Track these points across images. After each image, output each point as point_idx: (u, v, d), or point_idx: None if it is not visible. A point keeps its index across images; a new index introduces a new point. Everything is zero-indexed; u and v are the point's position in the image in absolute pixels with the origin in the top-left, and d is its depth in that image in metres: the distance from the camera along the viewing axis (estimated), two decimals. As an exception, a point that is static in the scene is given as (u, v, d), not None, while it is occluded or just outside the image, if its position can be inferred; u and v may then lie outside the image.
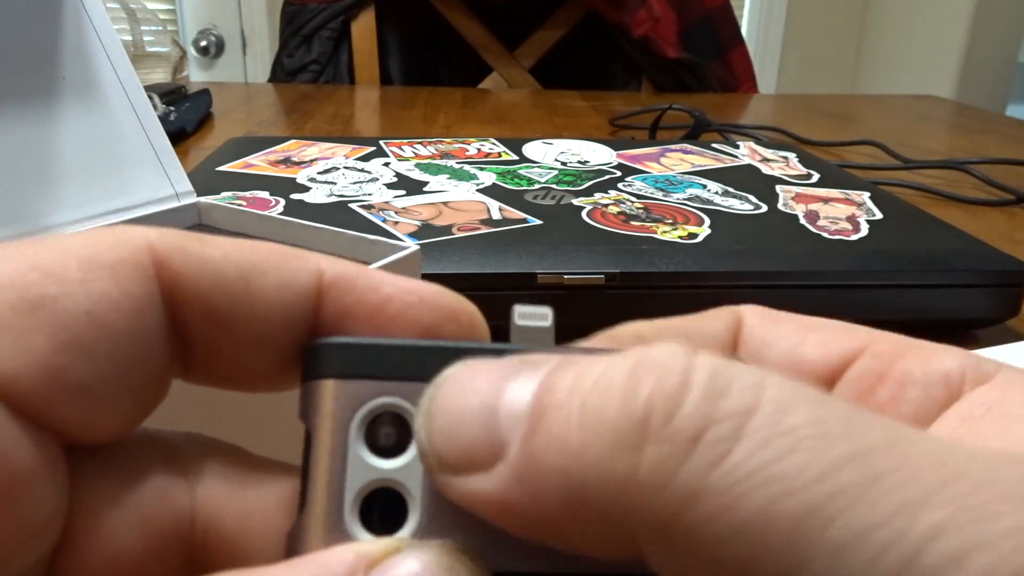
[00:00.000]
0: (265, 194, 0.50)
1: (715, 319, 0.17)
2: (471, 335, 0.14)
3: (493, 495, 0.11)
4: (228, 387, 0.14)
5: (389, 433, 0.13)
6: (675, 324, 0.16)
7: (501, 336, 0.14)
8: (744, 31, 1.94)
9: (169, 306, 0.13)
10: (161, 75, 1.15)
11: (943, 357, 0.15)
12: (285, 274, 0.14)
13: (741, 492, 0.10)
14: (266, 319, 0.13)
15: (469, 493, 0.11)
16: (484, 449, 0.11)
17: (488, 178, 0.56)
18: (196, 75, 2.20)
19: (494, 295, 0.40)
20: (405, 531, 0.12)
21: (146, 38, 1.21)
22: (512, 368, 0.12)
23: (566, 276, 0.40)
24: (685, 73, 1.26)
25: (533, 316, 0.14)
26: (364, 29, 1.31)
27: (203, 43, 2.22)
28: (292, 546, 0.13)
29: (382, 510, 0.13)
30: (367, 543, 0.12)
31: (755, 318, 0.16)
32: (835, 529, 0.09)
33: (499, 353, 0.13)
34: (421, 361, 0.13)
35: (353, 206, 0.48)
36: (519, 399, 0.11)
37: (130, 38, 1.21)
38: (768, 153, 0.67)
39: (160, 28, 1.25)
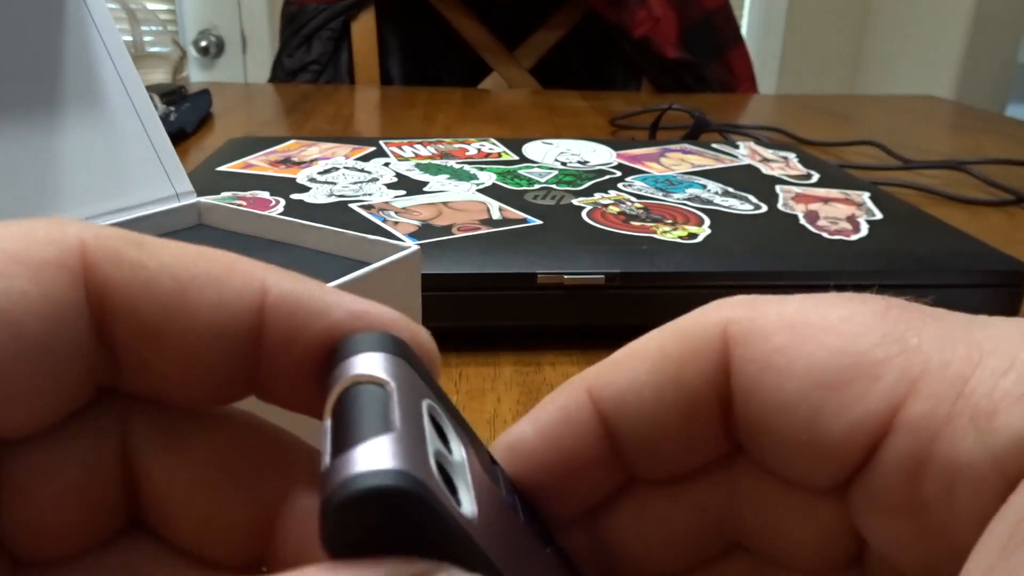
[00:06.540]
0: (265, 194, 0.50)
1: (693, 363, 0.14)
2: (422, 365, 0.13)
3: None
4: (159, 401, 0.13)
5: None
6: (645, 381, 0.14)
7: (501, 334, 0.13)
8: (744, 31, 1.94)
9: (97, 313, 0.12)
10: (161, 75, 1.15)
11: (1000, 421, 0.11)
12: (225, 291, 0.12)
13: None
14: (200, 337, 0.12)
15: None
16: None
17: (488, 178, 0.56)
18: (196, 75, 2.20)
19: (494, 295, 0.40)
20: None
21: (146, 38, 1.21)
22: None
23: (566, 276, 0.40)
24: (685, 73, 1.26)
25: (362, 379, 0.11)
26: (364, 29, 1.31)
27: (203, 43, 2.22)
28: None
29: None
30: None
31: (750, 355, 0.14)
32: None
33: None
34: None
35: (353, 206, 0.48)
36: None
37: (130, 38, 1.21)
38: (768, 153, 0.67)
39: (160, 28, 1.25)
